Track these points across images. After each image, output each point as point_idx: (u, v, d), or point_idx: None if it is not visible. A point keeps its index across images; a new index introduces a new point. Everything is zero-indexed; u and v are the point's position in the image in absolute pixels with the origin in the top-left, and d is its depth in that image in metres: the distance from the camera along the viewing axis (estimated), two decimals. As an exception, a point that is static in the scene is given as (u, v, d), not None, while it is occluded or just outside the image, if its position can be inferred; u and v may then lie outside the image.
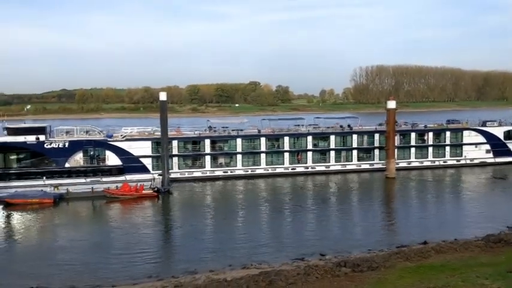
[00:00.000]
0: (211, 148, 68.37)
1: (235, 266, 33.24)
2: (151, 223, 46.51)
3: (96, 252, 36.96)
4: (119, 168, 63.31)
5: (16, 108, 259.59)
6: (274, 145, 71.50)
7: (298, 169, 71.08)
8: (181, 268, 33.13)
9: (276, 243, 38.97)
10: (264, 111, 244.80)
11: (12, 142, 59.81)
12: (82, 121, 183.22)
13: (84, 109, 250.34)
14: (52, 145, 61.31)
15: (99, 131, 67.70)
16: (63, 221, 47.58)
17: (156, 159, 65.26)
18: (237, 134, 70.65)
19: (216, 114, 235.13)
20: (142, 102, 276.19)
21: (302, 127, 76.32)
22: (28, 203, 52.61)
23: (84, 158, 62.68)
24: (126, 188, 55.91)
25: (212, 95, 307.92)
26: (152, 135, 69.08)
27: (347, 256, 34.21)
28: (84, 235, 41.92)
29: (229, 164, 69.41)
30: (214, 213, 50.10)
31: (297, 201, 54.61)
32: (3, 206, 51.66)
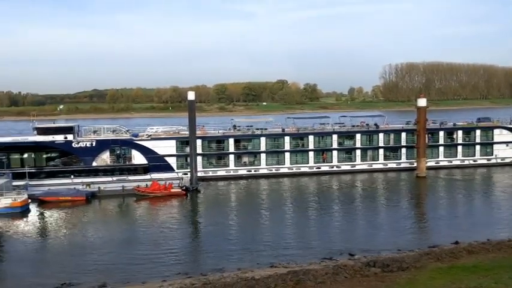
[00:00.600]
0: (235, 147, 68.52)
1: (263, 264, 33.28)
2: (180, 221, 47.04)
3: (126, 249, 37.60)
4: (145, 167, 64.22)
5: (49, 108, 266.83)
6: (299, 144, 71.07)
7: (323, 168, 70.56)
8: (210, 266, 33.40)
9: (303, 242, 38.83)
10: (291, 110, 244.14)
11: (42, 141, 61.45)
12: (113, 120, 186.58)
13: (115, 109, 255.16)
14: (80, 144, 62.66)
15: (125, 130, 68.86)
16: (95, 218, 48.58)
17: (181, 158, 65.95)
18: (261, 133, 70.60)
19: (243, 113, 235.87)
20: (171, 102, 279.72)
21: (327, 126, 75.70)
22: (61, 200, 53.94)
23: (110, 157, 63.89)
24: (155, 186, 56.72)
25: (239, 93, 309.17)
26: (177, 134, 69.77)
27: (376, 256, 33.80)
28: (115, 232, 42.71)
29: (253, 163, 69.42)
30: (241, 211, 50.28)
31: (323, 201, 54.28)
32: (37, 204, 53.13)
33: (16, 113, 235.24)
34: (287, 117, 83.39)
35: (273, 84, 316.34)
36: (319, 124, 76.98)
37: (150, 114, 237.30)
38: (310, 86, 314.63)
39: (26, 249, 38.50)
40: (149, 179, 60.22)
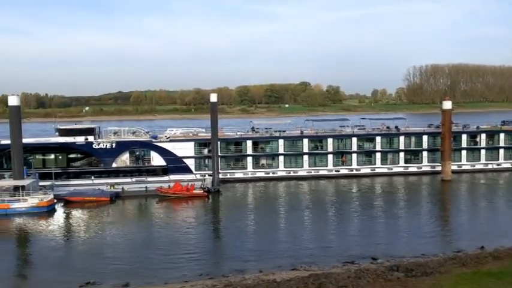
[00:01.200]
0: (253, 149, 68.49)
1: (284, 267, 33.23)
2: (202, 222, 47.34)
3: (148, 249, 38.02)
4: (163, 169, 64.82)
5: (75, 110, 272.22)
6: (318, 146, 70.62)
7: (342, 171, 69.90)
8: (231, 267, 33.50)
9: (325, 245, 38.60)
10: (314, 112, 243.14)
11: (63, 143, 62.71)
12: (137, 122, 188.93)
13: (139, 110, 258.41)
14: (100, 145, 63.63)
15: (145, 132, 69.65)
16: (118, 218, 49.26)
17: (199, 159, 66.35)
18: (279, 135, 70.44)
19: (266, 115, 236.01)
20: (193, 104, 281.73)
21: (347, 128, 74.94)
22: (86, 200, 54.91)
23: (130, 158, 64.74)
24: (178, 187, 57.21)
25: (262, 95, 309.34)
26: (195, 136, 70.16)
27: (400, 260, 33.39)
28: (138, 233, 43.23)
29: (271, 165, 69.31)
30: (262, 214, 50.27)
31: (343, 204, 53.87)
32: (63, 204, 54.17)
33: (43, 115, 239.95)
34: (306, 119, 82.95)
35: (296, 86, 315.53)
36: (338, 127, 76.39)
37: (173, 116, 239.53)
38: (333, 88, 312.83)
39: (52, 248, 39.28)
40: (172, 180, 60.74)
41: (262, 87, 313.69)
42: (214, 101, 65.69)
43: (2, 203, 50.01)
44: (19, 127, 54.81)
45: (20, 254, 39.38)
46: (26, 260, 37.91)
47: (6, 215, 49.16)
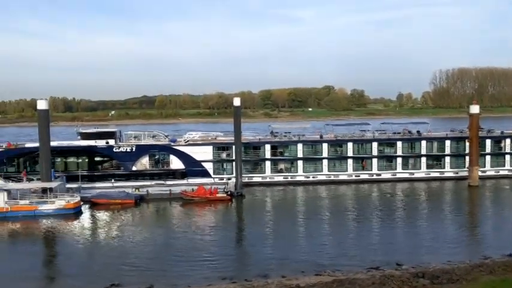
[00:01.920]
0: (272, 154, 68.21)
1: (307, 272, 33.01)
2: (225, 225, 47.49)
3: (172, 252, 38.30)
4: (182, 172, 65.24)
5: (101, 114, 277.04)
6: (337, 151, 69.93)
7: (362, 176, 69.01)
8: (254, 272, 33.45)
9: (348, 250, 38.22)
10: (337, 116, 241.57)
11: (84, 146, 63.84)
12: (161, 126, 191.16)
13: (163, 114, 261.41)
14: (120, 149, 64.56)
15: (164, 136, 70.24)
16: (143, 221, 49.82)
17: (217, 163, 66.57)
18: (298, 139, 70.03)
19: (289, 119, 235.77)
20: (217, 108, 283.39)
21: (367, 133, 74.10)
22: (111, 203, 55.74)
23: (150, 161, 65.36)
24: (201, 191, 57.58)
25: (285, 99, 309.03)
26: (213, 140, 70.34)
27: (425, 267, 32.83)
28: (162, 235, 43.61)
29: (289, 169, 68.92)
30: (285, 218, 50.06)
31: (365, 209, 53.18)
32: (89, 206, 55.12)
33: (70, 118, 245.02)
34: (326, 123, 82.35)
35: (319, 90, 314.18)
36: (359, 131, 75.53)
37: (197, 120, 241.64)
38: (357, 91, 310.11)
39: (78, 250, 39.98)
40: (195, 184, 61.14)
41: (286, 91, 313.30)
42: (238, 105, 65.95)
43: (30, 205, 51.18)
44: (47, 130, 56.08)
45: (47, 255, 40.17)
46: (53, 260, 38.64)
47: (34, 216, 50.28)
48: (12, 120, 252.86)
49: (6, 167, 62.31)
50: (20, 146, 66.46)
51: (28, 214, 50.62)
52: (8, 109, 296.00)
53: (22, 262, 36.88)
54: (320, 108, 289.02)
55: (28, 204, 51.43)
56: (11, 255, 39.62)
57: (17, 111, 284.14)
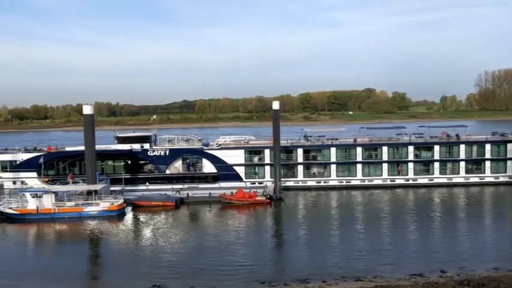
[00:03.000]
0: (304, 157, 67.54)
1: (348, 277, 32.53)
2: (265, 229, 47.50)
3: (212, 254, 38.60)
4: (214, 176, 65.71)
5: (144, 118, 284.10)
6: (372, 155, 68.47)
7: (397, 181, 67.30)
8: (294, 276, 33.23)
9: (388, 256, 37.38)
10: (379, 119, 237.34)
11: (120, 150, 65.46)
12: (200, 130, 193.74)
13: (203, 118, 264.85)
14: (154, 153, 65.75)
15: (197, 140, 70.96)
16: (183, 223, 50.50)
17: (249, 167, 66.64)
18: (332, 143, 69.08)
19: (329, 122, 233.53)
20: (255, 111, 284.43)
21: (404, 136, 72.17)
22: (152, 205, 56.86)
23: (182, 165, 66.21)
24: (240, 194, 57.84)
25: (325, 102, 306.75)
26: (245, 144, 70.46)
27: (470, 274, 31.71)
28: (202, 237, 44.04)
29: (322, 174, 68.06)
30: (323, 222, 49.47)
31: (402, 214, 51.81)
32: (132, 208, 56.41)
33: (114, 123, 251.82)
34: (360, 127, 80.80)
35: (360, 93, 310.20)
36: (395, 135, 73.70)
37: (236, 124, 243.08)
38: (399, 94, 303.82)
39: (121, 251, 40.94)
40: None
41: (325, 94, 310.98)
42: (276, 109, 65.88)
43: (76, 207, 52.89)
44: (92, 134, 57.89)
45: (92, 255, 41.42)
46: (97, 261, 39.80)
47: (80, 217, 51.94)
48: (59, 125, 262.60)
49: (47, 170, 64.67)
50: (60, 150, 68.98)
51: (74, 215, 52.34)
52: (55, 114, 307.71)
53: (68, 262, 38.15)
54: (361, 111, 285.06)
55: (74, 206, 53.17)
56: (58, 255, 41.08)
57: (63, 115, 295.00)
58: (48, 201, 52.22)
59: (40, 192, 52.89)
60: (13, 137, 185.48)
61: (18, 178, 63.79)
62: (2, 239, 46.28)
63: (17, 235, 47.44)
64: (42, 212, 51.87)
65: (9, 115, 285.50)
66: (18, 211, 51.69)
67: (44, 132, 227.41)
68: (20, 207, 51.93)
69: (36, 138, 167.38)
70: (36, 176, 63.72)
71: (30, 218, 51.14)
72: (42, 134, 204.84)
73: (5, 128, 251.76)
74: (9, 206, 52.17)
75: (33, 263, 38.74)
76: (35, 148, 70.43)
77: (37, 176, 63.65)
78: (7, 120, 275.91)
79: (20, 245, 44.16)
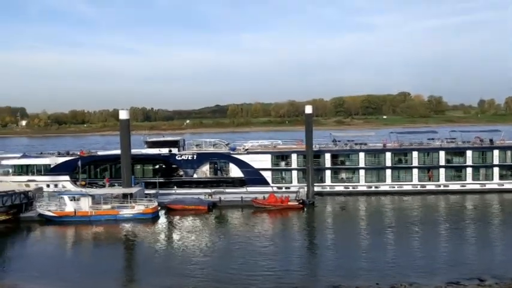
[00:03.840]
0: (332, 162, 66.62)
1: (382, 284, 31.88)
2: (297, 234, 47.11)
3: (243, 258, 38.41)
4: (241, 180, 65.76)
5: (177, 123, 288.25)
6: (402, 160, 66.83)
7: (428, 187, 65.48)
8: (327, 282, 32.66)
9: (423, 263, 36.30)
10: (414, 124, 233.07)
11: (149, 154, 66.41)
12: (232, 134, 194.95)
13: (235, 123, 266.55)
14: (182, 157, 66.41)
15: (225, 144, 71.22)
16: (216, 227, 50.60)
17: (276, 172, 66.29)
18: (360, 148, 67.90)
19: (362, 126, 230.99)
20: (287, 116, 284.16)
21: (436, 141, 70.19)
22: (185, 209, 57.45)
23: (210, 169, 66.59)
24: (272, 198, 57.71)
25: (358, 106, 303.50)
26: (272, 148, 70.14)
27: (510, 283, 30.62)
28: (233, 242, 43.92)
29: (351, 179, 67.12)
30: (357, 228, 48.61)
31: (434, 221, 50.19)
32: (165, 211, 57.18)
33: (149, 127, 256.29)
34: (390, 131, 79.08)
35: (394, 97, 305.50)
36: (426, 139, 71.73)
37: (268, 128, 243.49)
38: (435, 98, 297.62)
39: (155, 253, 41.28)
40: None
41: (359, 98, 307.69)
42: (309, 113, 65.42)
43: (112, 209, 54.01)
44: (128, 139, 59.12)
45: (126, 258, 42.13)
46: (131, 263, 40.47)
47: (115, 220, 53.01)
48: (96, 129, 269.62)
49: (79, 173, 66.21)
50: (92, 154, 70.72)
51: (110, 218, 53.22)
52: (92, 119, 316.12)
53: (104, 263, 39.00)
54: (395, 115, 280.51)
55: (110, 208, 54.32)
56: (95, 256, 42.02)
57: (100, 120, 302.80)
58: (85, 204, 53.53)
59: (78, 195, 54.31)
60: (52, 141, 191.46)
61: (52, 181, 65.82)
62: (41, 240, 47.72)
63: (55, 237, 48.78)
64: (80, 215, 53.19)
65: (48, 120, 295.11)
66: (56, 213, 53.20)
67: (82, 136, 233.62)
68: (59, 210, 53.46)
69: (73, 142, 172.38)
70: (69, 179, 65.66)
71: (67, 220, 52.56)
72: (79, 139, 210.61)
73: (44, 133, 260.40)
74: (48, 208, 53.80)
75: (71, 264, 39.70)
76: (68, 152, 72.65)
77: (70, 179, 65.60)
78: (47, 125, 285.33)
79: (58, 246, 45.42)
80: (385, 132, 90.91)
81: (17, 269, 37.25)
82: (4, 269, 37.55)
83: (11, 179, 64.25)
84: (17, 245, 45.56)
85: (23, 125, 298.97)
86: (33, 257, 41.10)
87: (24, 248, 44.47)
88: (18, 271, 36.68)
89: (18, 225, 51.86)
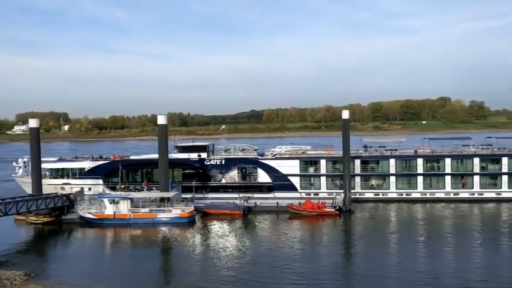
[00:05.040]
0: (362, 169, 65.23)
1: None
2: (333, 241, 46.25)
3: (280, 264, 38.05)
4: (269, 186, 65.45)
5: (213, 128, 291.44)
6: (434, 167, 64.87)
7: (461, 195, 63.20)
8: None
9: (460, 276, 34.57)
10: (454, 129, 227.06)
11: (179, 159, 67.10)
12: (268, 140, 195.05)
13: (270, 128, 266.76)
14: (211, 162, 66.82)
15: (253, 149, 71.03)
16: (251, 232, 50.35)
17: (304, 178, 65.58)
18: (391, 154, 66.20)
19: (400, 132, 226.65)
20: (324, 121, 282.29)
21: (471, 148, 67.62)
22: (221, 213, 57.75)
23: (238, 174, 66.66)
24: (308, 204, 57.22)
25: (396, 112, 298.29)
26: (301, 154, 69.46)
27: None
28: (270, 247, 43.51)
29: (381, 186, 65.45)
30: (394, 237, 47.35)
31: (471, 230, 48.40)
32: (201, 215, 57.64)
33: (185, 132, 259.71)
34: (423, 137, 76.83)
35: (434, 102, 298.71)
36: (461, 146, 69.34)
37: (303, 133, 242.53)
38: (477, 103, 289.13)
39: (191, 257, 41.52)
40: (304, 198, 60.98)
41: (397, 103, 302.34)
42: (346, 118, 64.55)
43: (150, 213, 54.89)
44: (166, 144, 60.11)
45: (163, 260, 42.71)
46: (168, 266, 40.97)
47: (153, 223, 53.85)
48: (134, 134, 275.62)
49: (111, 177, 67.67)
50: (124, 158, 72.07)
51: (148, 221, 54.10)
52: (131, 124, 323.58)
53: (141, 265, 39.69)
54: (435, 120, 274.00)
55: (148, 212, 55.13)
56: (133, 258, 42.75)
57: (139, 125, 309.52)
58: (125, 207, 54.64)
59: (117, 198, 55.50)
60: (93, 146, 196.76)
61: (85, 184, 67.56)
62: (82, 242, 49.02)
63: (95, 238, 49.99)
64: (119, 217, 54.29)
65: (89, 125, 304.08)
66: (96, 216, 54.56)
67: (121, 141, 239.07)
68: (99, 213, 54.76)
69: (113, 146, 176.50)
70: (102, 183, 67.37)
71: (107, 223, 53.77)
72: (118, 143, 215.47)
73: (85, 137, 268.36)
74: (88, 211, 55.21)
75: (110, 265, 40.67)
76: (101, 156, 74.55)
77: (103, 183, 67.33)
78: (88, 130, 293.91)
79: (98, 248, 46.58)
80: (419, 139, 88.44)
81: (60, 269, 38.42)
82: (47, 269, 38.72)
83: (47, 182, 66.28)
84: (59, 246, 47.15)
85: (66, 129, 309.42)
86: (74, 257, 42.37)
87: (66, 249, 45.98)
88: (60, 271, 37.82)
89: (60, 227, 53.49)
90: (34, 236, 50.43)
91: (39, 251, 44.68)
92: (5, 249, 43.86)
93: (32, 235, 50.83)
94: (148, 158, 68.64)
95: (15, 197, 53.90)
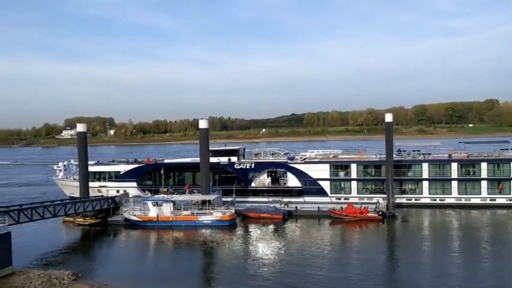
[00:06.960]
0: (394, 173, 63.17)
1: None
2: (376, 246, 45.34)
3: (319, 270, 37.56)
4: (299, 190, 64.77)
5: (253, 132, 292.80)
6: (469, 172, 62.44)
7: (498, 200, 60.57)
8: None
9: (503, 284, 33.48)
10: (502, 133, 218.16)
11: (210, 163, 67.16)
12: (308, 143, 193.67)
13: (311, 132, 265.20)
14: (240, 166, 66.86)
15: (284, 153, 70.59)
16: (292, 236, 50.20)
17: (334, 182, 64.44)
18: (424, 158, 64.29)
19: (446, 135, 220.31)
20: (366, 124, 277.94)
21: (508, 151, 64.68)
22: (261, 217, 57.78)
23: (267, 178, 66.30)
24: (350, 209, 56.37)
25: (441, 115, 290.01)
26: (331, 158, 68.40)
27: None
28: (309, 253, 42.52)
29: (414, 191, 63.70)
30: (441, 243, 45.64)
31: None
32: (242, 218, 57.87)
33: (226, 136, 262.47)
34: (459, 141, 73.96)
35: (481, 104, 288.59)
36: (499, 150, 66.18)
37: (345, 137, 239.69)
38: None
39: (231, 259, 41.81)
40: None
41: (442, 105, 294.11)
42: (389, 121, 63.36)
43: (191, 215, 55.64)
44: (207, 147, 60.84)
45: (204, 262, 43.11)
46: (209, 268, 41.26)
47: (195, 226, 54.41)
48: (177, 138, 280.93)
49: (145, 180, 68.95)
50: (158, 162, 73.22)
51: (190, 224, 54.84)
52: (174, 128, 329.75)
53: (183, 267, 39.57)
54: (482, 123, 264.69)
55: (190, 214, 55.91)
56: (175, 260, 43.05)
57: (181, 129, 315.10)
58: (167, 209, 55.64)
59: (160, 201, 56.56)
60: (137, 149, 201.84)
61: (120, 187, 69.03)
62: (127, 243, 50.28)
63: (139, 240, 51.15)
64: (162, 220, 55.04)
65: (134, 129, 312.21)
66: (140, 218, 55.80)
67: (164, 145, 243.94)
68: (143, 215, 55.98)
69: (156, 150, 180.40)
70: (136, 186, 68.80)
71: (151, 225, 54.87)
72: (162, 147, 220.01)
73: (130, 141, 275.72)
74: (133, 213, 56.55)
75: (153, 266, 41.48)
76: (136, 160, 76.50)
77: (137, 186, 68.77)
78: (132, 134, 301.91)
79: (142, 249, 47.63)
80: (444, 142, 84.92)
81: (105, 270, 39.34)
82: (94, 269, 39.83)
83: None
84: (105, 247, 48.58)
85: (111, 134, 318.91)
86: (119, 259, 43.55)
87: (111, 250, 47.37)
88: (106, 272, 38.73)
89: (106, 229, 55.07)
90: (81, 237, 52.14)
91: (86, 252, 46.03)
92: (53, 250, 45.43)
93: (79, 236, 52.54)
94: (182, 162, 69.80)
95: (64, 200, 56.07)
